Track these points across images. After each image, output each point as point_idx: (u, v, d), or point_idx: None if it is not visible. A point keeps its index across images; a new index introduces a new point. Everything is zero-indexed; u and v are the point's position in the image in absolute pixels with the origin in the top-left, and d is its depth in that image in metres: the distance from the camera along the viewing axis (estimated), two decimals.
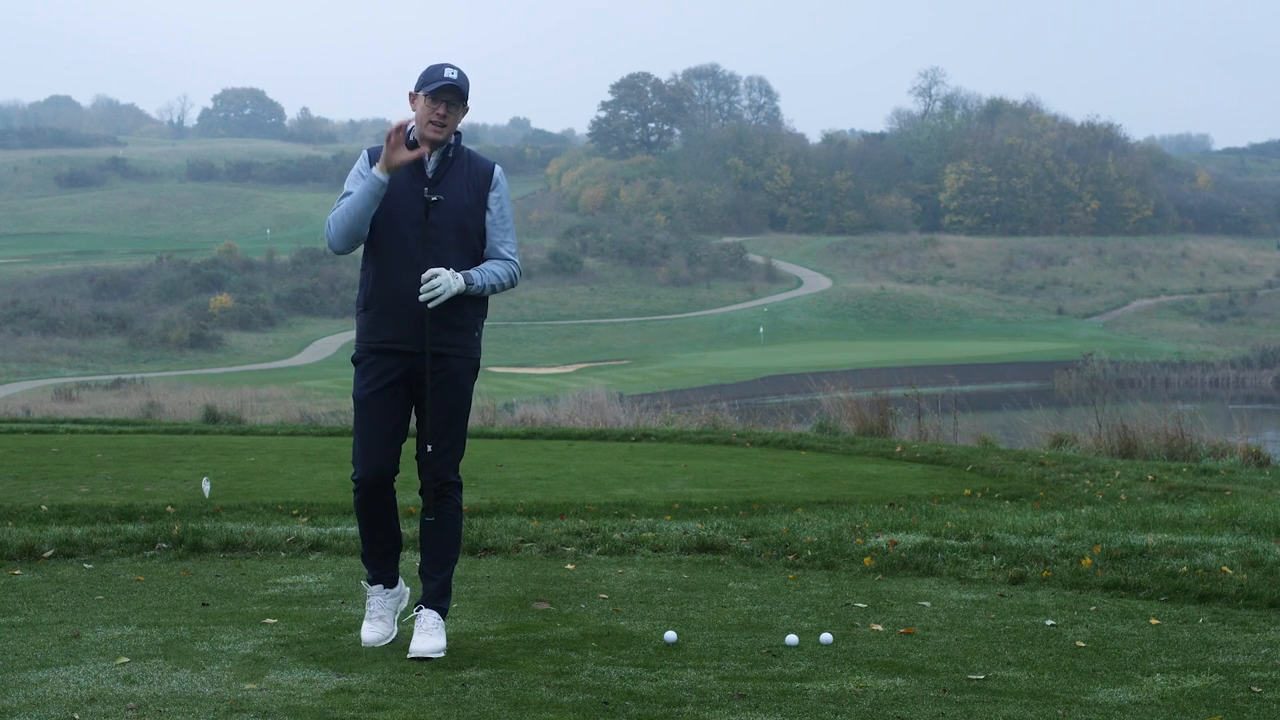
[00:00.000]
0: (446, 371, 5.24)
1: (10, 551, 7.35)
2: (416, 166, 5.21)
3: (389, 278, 5.19)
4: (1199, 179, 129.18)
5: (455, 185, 5.22)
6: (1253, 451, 14.55)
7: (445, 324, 5.20)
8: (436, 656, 5.14)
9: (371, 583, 5.46)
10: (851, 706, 4.52)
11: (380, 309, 5.21)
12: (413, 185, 5.19)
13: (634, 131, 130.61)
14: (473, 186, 5.25)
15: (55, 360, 65.77)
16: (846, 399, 18.31)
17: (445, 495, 5.30)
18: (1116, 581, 6.71)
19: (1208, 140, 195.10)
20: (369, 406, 5.26)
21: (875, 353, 68.13)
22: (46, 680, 4.71)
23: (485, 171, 5.30)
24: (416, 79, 5.21)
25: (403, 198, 5.18)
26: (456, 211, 5.21)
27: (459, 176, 5.24)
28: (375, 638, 5.36)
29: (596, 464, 12.89)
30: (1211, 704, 4.59)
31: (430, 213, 5.18)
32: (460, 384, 5.29)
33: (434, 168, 5.23)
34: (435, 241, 5.18)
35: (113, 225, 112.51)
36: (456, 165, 5.25)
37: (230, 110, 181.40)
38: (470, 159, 5.29)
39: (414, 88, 5.21)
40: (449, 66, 5.19)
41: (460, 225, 5.22)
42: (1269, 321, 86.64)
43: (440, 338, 5.20)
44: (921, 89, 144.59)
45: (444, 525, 5.33)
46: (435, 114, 5.15)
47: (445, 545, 5.35)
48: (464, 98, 5.17)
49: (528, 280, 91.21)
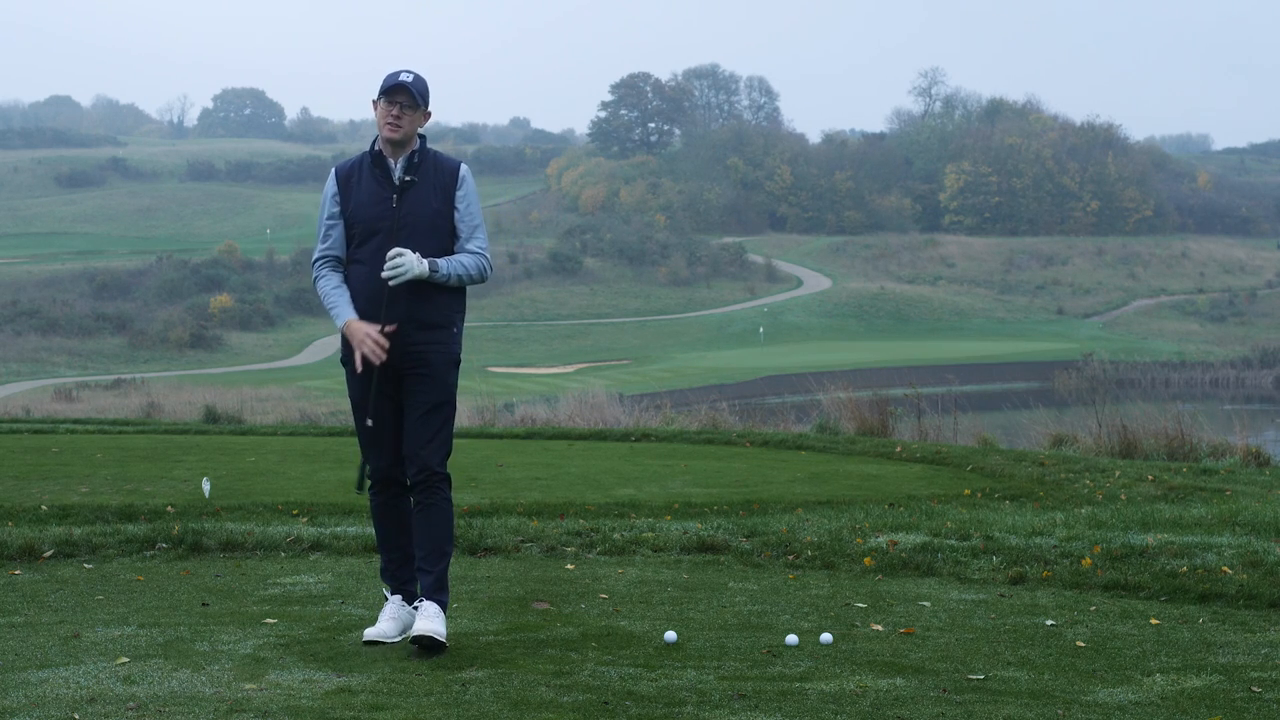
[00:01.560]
0: (430, 366, 5.38)
1: (10, 551, 7.35)
2: (384, 174, 5.40)
3: (364, 283, 5.37)
4: (1199, 179, 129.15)
5: (422, 189, 5.39)
6: (1253, 451, 14.55)
7: (421, 323, 5.36)
8: (440, 639, 5.18)
9: (392, 593, 5.55)
10: (851, 706, 4.52)
11: (362, 314, 5.36)
12: (381, 193, 5.38)
13: (634, 131, 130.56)
14: (439, 187, 5.41)
15: (55, 360, 65.78)
16: (846, 399, 18.31)
17: (434, 487, 5.40)
18: (1116, 581, 6.71)
19: (1208, 140, 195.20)
20: (363, 408, 5.44)
21: (875, 353, 68.13)
22: (46, 680, 4.71)
23: (451, 171, 5.46)
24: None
25: (373, 206, 5.37)
26: (426, 215, 5.37)
27: (425, 179, 5.40)
28: (378, 634, 5.37)
29: (596, 464, 12.89)
30: (1211, 704, 4.59)
31: (400, 218, 5.36)
32: (440, 378, 5.41)
33: (400, 173, 5.40)
34: (406, 244, 5.33)
35: (113, 225, 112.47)
36: (423, 169, 5.42)
37: (230, 110, 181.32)
38: (436, 160, 5.46)
39: (376, 96, 5.43)
40: (405, 71, 5.41)
41: (431, 227, 5.38)
42: (1269, 321, 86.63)
43: (417, 336, 5.36)
44: (921, 89, 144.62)
45: (434, 517, 5.41)
46: (390, 115, 5.36)
47: (437, 537, 5.42)
48: (417, 100, 5.36)
49: (528, 280, 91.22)
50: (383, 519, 5.54)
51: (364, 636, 5.37)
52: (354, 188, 5.42)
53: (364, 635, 5.38)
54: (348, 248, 5.44)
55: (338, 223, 5.44)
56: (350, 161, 5.51)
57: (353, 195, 5.41)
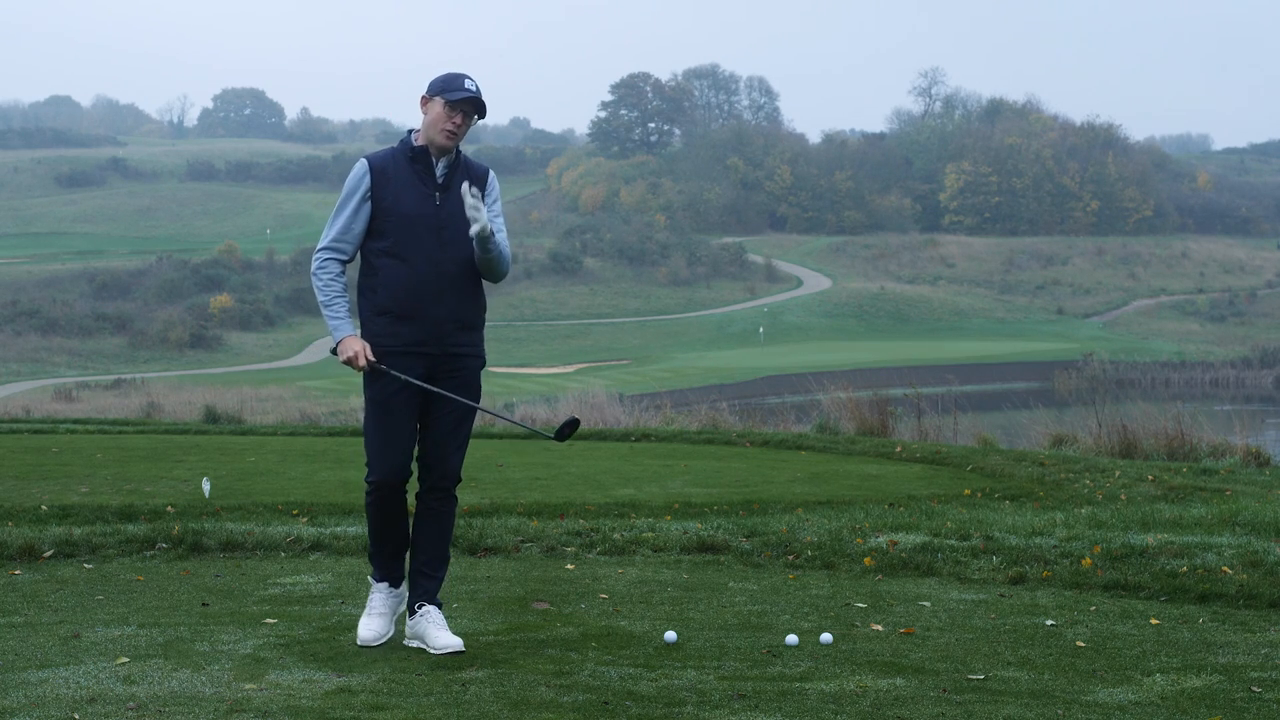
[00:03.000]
0: (465, 371, 5.36)
1: (10, 551, 7.35)
2: (426, 171, 5.32)
3: (410, 282, 5.25)
4: (1199, 179, 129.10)
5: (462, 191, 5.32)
6: (1253, 451, 14.55)
7: (462, 323, 5.33)
8: (462, 648, 5.22)
9: (378, 580, 5.49)
10: (851, 706, 4.52)
11: (401, 313, 5.26)
12: (424, 190, 5.30)
13: (634, 131, 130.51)
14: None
15: (55, 360, 65.77)
16: (846, 399, 18.32)
17: (450, 494, 5.44)
18: (1116, 581, 6.71)
19: (1208, 140, 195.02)
20: (391, 408, 5.31)
21: (875, 353, 68.09)
22: (46, 680, 4.71)
23: (482, 176, 5.43)
24: (432, 83, 5.31)
25: (417, 203, 5.28)
26: (463, 215, 5.31)
27: (463, 181, 5.34)
28: (373, 635, 5.37)
29: (596, 464, 12.89)
30: (1211, 704, 4.59)
31: (444, 216, 5.30)
32: (475, 382, 5.43)
33: (443, 173, 5.35)
34: (450, 243, 5.29)
35: (113, 225, 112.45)
36: (460, 171, 5.38)
37: (230, 110, 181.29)
38: (468, 164, 5.42)
39: (428, 91, 5.30)
40: (468, 78, 5.31)
41: (468, 228, 5.31)
42: (1269, 321, 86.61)
43: (457, 338, 5.32)
44: (921, 89, 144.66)
45: (445, 524, 5.45)
46: (452, 122, 5.26)
47: (444, 544, 5.47)
48: (482, 112, 5.31)
49: (528, 280, 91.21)
50: (387, 517, 5.43)
51: (359, 640, 5.34)
52: (391, 180, 5.28)
53: (359, 639, 5.35)
54: (374, 241, 5.30)
55: (363, 212, 5.28)
56: (383, 154, 5.36)
57: (391, 187, 5.28)
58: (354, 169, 5.35)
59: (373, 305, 5.31)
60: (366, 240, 5.33)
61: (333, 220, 5.33)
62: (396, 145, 5.40)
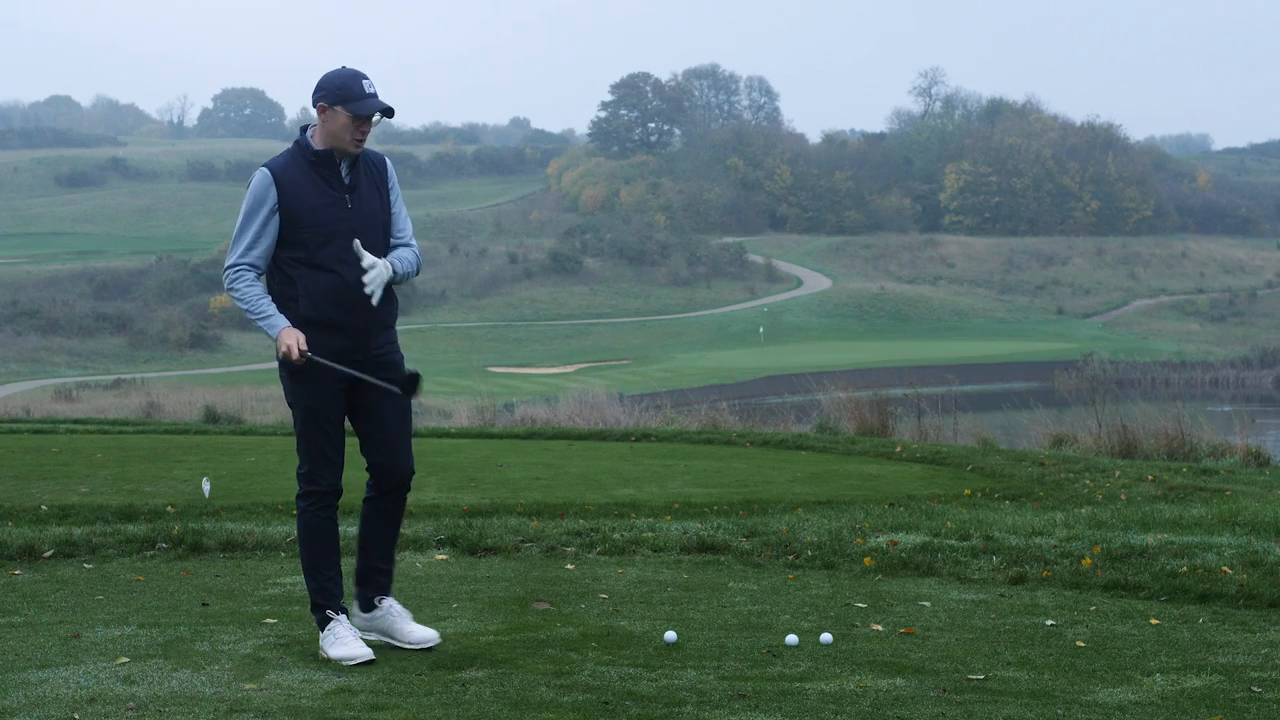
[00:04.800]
0: (394, 368, 5.31)
1: (10, 551, 7.35)
2: (332, 175, 5.19)
3: (333, 291, 5.14)
4: (1199, 179, 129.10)
5: (367, 188, 5.26)
6: (1253, 451, 14.56)
7: (384, 324, 5.29)
8: (437, 643, 5.23)
9: (336, 614, 5.19)
10: (851, 706, 4.52)
11: (326, 322, 5.14)
12: (334, 194, 5.18)
13: (634, 131, 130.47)
14: (376, 184, 5.31)
15: (55, 360, 65.77)
16: (846, 399, 18.32)
17: (407, 486, 5.39)
18: (1116, 581, 6.71)
19: (1208, 140, 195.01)
20: (329, 416, 5.23)
21: (875, 353, 68.08)
22: (46, 680, 4.71)
23: (379, 166, 5.34)
24: (326, 89, 5.12)
25: (327, 208, 5.15)
26: (374, 213, 5.27)
27: (366, 178, 5.27)
28: (362, 651, 5.09)
29: (596, 464, 12.89)
30: (1211, 704, 4.59)
31: (358, 220, 5.19)
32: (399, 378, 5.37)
33: (348, 174, 5.23)
34: (368, 247, 5.19)
35: (112, 225, 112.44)
36: (362, 168, 5.28)
37: (230, 110, 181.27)
38: (366, 157, 5.30)
39: (324, 99, 5.12)
40: (365, 78, 5.16)
41: (380, 225, 5.28)
42: (1269, 321, 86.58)
43: (379, 339, 5.28)
44: (921, 89, 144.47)
45: (397, 515, 5.43)
46: (360, 131, 5.14)
47: (395, 533, 5.45)
48: (389, 113, 5.18)
49: (528, 280, 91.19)
50: (324, 535, 5.27)
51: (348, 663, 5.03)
52: (299, 188, 5.12)
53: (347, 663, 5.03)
54: (288, 251, 5.14)
55: (272, 225, 5.11)
56: (283, 161, 5.18)
57: (299, 196, 5.11)
58: (255, 180, 5.15)
59: (295, 316, 5.14)
60: (279, 250, 5.16)
61: (239, 235, 5.16)
62: (293, 148, 5.21)
